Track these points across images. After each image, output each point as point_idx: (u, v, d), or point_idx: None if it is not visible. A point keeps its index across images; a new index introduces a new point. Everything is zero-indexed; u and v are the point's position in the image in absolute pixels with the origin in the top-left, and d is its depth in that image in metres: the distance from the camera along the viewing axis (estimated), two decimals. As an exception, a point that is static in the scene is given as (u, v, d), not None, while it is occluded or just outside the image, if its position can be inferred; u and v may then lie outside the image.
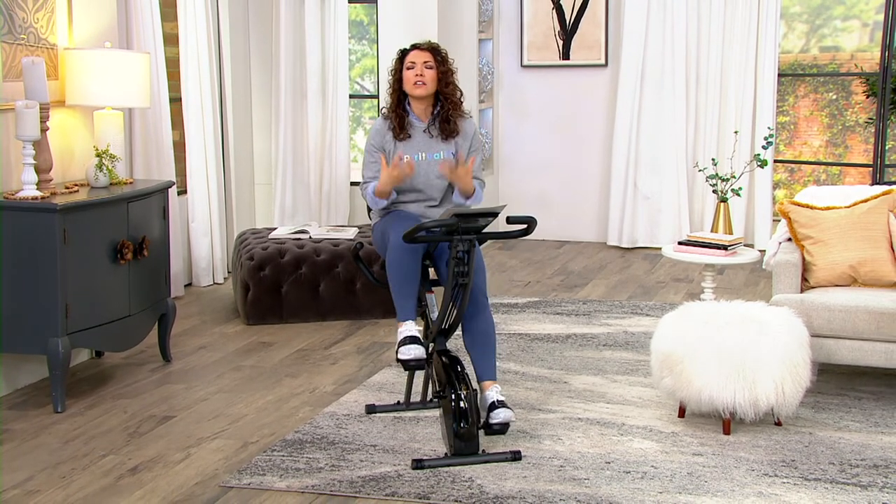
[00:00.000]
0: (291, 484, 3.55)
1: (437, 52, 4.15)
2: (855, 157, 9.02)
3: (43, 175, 4.53)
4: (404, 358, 3.82)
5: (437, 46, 4.18)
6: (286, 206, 7.42)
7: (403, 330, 3.88)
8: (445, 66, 4.15)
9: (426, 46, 4.16)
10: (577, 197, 8.35)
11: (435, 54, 4.14)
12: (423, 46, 4.16)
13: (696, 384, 3.91)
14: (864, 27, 8.93)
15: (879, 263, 4.54)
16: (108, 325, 4.54)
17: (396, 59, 4.19)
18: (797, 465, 3.70)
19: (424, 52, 4.13)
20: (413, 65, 4.11)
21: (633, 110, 7.92)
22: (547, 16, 8.22)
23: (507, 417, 3.79)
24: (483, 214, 3.70)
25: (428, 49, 4.15)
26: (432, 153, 4.12)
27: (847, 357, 4.34)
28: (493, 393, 3.86)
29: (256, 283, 5.73)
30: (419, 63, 4.11)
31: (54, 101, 4.75)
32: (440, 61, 4.13)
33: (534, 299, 6.28)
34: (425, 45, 4.17)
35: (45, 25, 4.77)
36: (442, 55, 4.16)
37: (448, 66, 4.16)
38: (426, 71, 4.10)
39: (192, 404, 4.43)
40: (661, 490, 3.48)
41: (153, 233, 4.85)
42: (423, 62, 4.11)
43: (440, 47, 4.19)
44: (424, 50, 4.14)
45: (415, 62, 4.12)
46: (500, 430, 3.80)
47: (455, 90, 4.17)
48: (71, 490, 3.53)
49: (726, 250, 5.18)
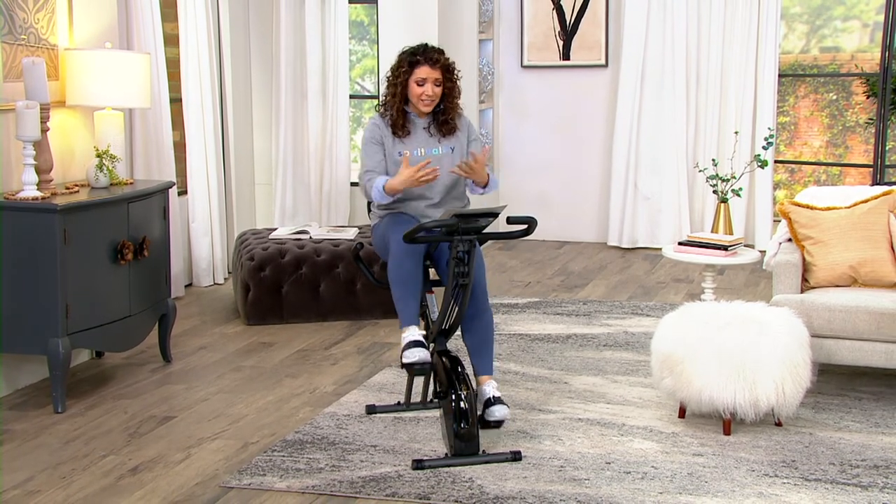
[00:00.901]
0: (292, 484, 3.55)
1: (448, 69, 4.04)
2: (855, 158, 9.02)
3: (43, 175, 4.53)
4: (409, 361, 3.79)
5: (449, 64, 4.05)
6: (286, 207, 7.42)
7: (407, 335, 3.86)
8: (453, 80, 4.07)
9: (440, 63, 4.01)
10: (577, 197, 8.35)
11: (446, 72, 4.03)
12: (436, 62, 4.01)
13: (696, 384, 3.91)
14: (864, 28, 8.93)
15: (880, 264, 4.54)
16: (108, 326, 4.54)
17: (402, 61, 4.06)
18: (797, 466, 3.70)
19: (436, 70, 4.00)
20: (423, 82, 4.00)
21: (634, 111, 7.92)
22: (547, 16, 8.22)
23: (503, 415, 3.82)
24: (483, 215, 3.69)
25: (441, 66, 4.02)
26: (431, 149, 4.11)
27: (847, 357, 4.34)
28: (490, 388, 3.87)
29: (257, 283, 5.73)
30: (430, 81, 4.00)
31: (55, 102, 4.75)
32: (449, 77, 4.06)
33: (534, 300, 6.29)
34: (438, 62, 4.01)
35: (45, 26, 4.77)
36: (451, 70, 4.06)
37: (455, 81, 4.08)
38: (436, 89, 4.03)
39: (193, 405, 4.43)
40: (661, 490, 3.48)
41: (153, 233, 4.85)
42: (434, 80, 4.01)
43: (451, 63, 4.07)
44: (436, 68, 4.01)
45: (426, 80, 4.00)
46: (496, 426, 3.86)
47: (458, 99, 4.13)
48: (71, 490, 3.53)
49: (726, 251, 5.18)
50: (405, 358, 3.80)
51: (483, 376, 3.93)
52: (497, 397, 3.84)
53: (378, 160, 4.08)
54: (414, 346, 3.81)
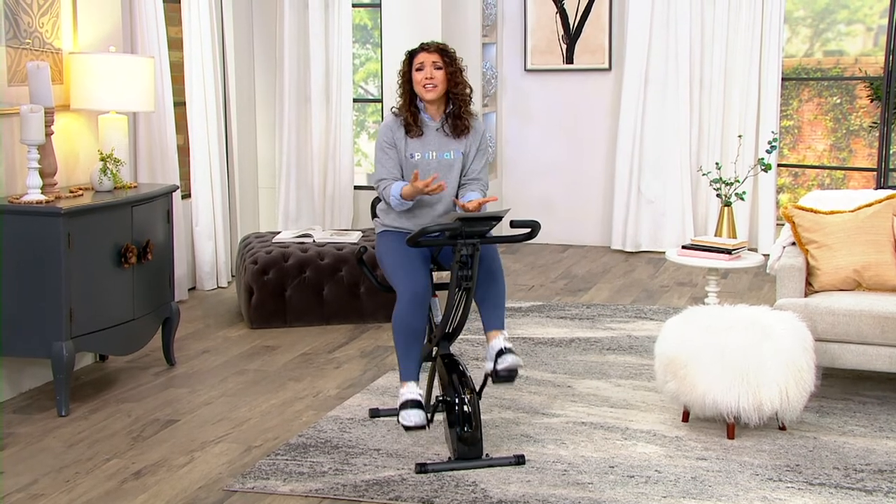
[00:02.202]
0: (295, 488, 3.55)
1: (446, 53, 4.09)
2: (859, 162, 9.01)
3: (47, 179, 4.54)
4: (407, 425, 3.75)
5: (444, 47, 4.13)
6: (290, 210, 7.43)
7: (405, 392, 3.81)
8: (454, 65, 4.10)
9: (434, 47, 4.11)
10: (580, 201, 8.34)
11: (443, 55, 4.08)
12: (431, 48, 4.11)
13: (699, 388, 3.90)
14: (868, 31, 8.92)
15: (884, 268, 4.53)
16: (112, 329, 4.55)
17: (404, 60, 4.14)
18: (801, 470, 3.69)
19: (432, 54, 4.08)
20: (422, 66, 4.06)
21: (637, 114, 7.92)
22: (550, 20, 8.22)
23: (514, 362, 3.75)
24: (487, 218, 3.69)
25: (436, 50, 4.09)
26: (443, 153, 4.11)
27: (851, 361, 4.33)
28: (500, 341, 3.82)
29: (260, 286, 5.73)
30: (428, 64, 4.06)
31: (59, 106, 4.76)
32: (448, 61, 4.09)
33: (537, 303, 6.28)
34: (433, 46, 4.11)
35: (50, 30, 4.78)
36: (450, 55, 4.10)
37: (457, 65, 4.11)
38: (435, 72, 4.05)
39: (196, 408, 4.43)
40: (664, 494, 3.48)
41: (157, 237, 4.86)
42: (432, 62, 4.06)
43: (448, 47, 4.13)
44: (432, 51, 4.09)
45: (423, 63, 4.07)
46: (507, 377, 3.77)
47: (465, 88, 4.13)
48: (75, 494, 3.53)
49: (730, 254, 5.17)
50: (403, 420, 3.75)
51: (493, 331, 3.87)
52: (508, 348, 3.78)
53: (390, 167, 4.07)
54: (412, 406, 3.76)
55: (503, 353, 3.79)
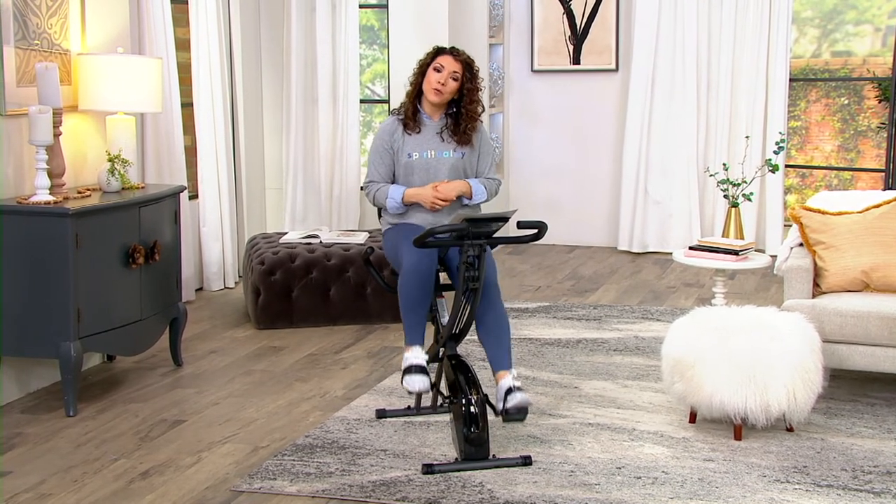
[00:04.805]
0: (302, 488, 3.56)
1: (470, 68, 4.09)
2: (867, 162, 8.99)
3: (56, 180, 4.55)
4: (411, 390, 3.78)
5: (471, 62, 4.11)
6: (297, 211, 7.43)
7: (410, 356, 3.84)
8: (473, 83, 4.10)
9: (462, 57, 4.09)
10: (587, 201, 8.34)
11: (466, 68, 4.08)
12: (460, 56, 4.09)
13: (707, 389, 3.90)
14: (876, 32, 8.90)
15: (892, 269, 4.52)
16: (119, 330, 4.56)
17: (429, 52, 4.13)
18: (809, 472, 3.69)
19: (457, 62, 4.07)
20: (441, 68, 4.06)
21: (644, 115, 7.91)
22: (557, 21, 8.22)
23: (522, 400, 3.69)
24: (494, 219, 3.69)
25: (461, 61, 4.08)
26: (442, 152, 4.12)
27: (859, 363, 4.32)
28: (508, 380, 3.77)
29: (267, 287, 5.74)
30: (447, 70, 4.05)
31: (67, 107, 4.77)
32: (469, 77, 4.09)
33: (544, 304, 6.28)
34: (462, 56, 4.09)
35: (58, 31, 4.79)
36: (473, 72, 4.10)
37: (476, 83, 4.10)
38: (450, 81, 4.06)
39: (203, 408, 4.44)
40: (672, 496, 3.48)
41: (164, 237, 4.87)
42: (452, 71, 4.06)
43: (474, 64, 4.12)
44: (458, 60, 4.08)
45: (444, 66, 4.06)
46: (517, 416, 3.71)
47: (478, 106, 4.13)
48: (82, 494, 3.54)
49: (737, 255, 5.16)
50: (406, 384, 3.78)
51: (501, 371, 3.83)
52: (517, 386, 3.73)
53: (383, 172, 4.10)
54: (416, 371, 3.78)
55: (512, 391, 3.73)
